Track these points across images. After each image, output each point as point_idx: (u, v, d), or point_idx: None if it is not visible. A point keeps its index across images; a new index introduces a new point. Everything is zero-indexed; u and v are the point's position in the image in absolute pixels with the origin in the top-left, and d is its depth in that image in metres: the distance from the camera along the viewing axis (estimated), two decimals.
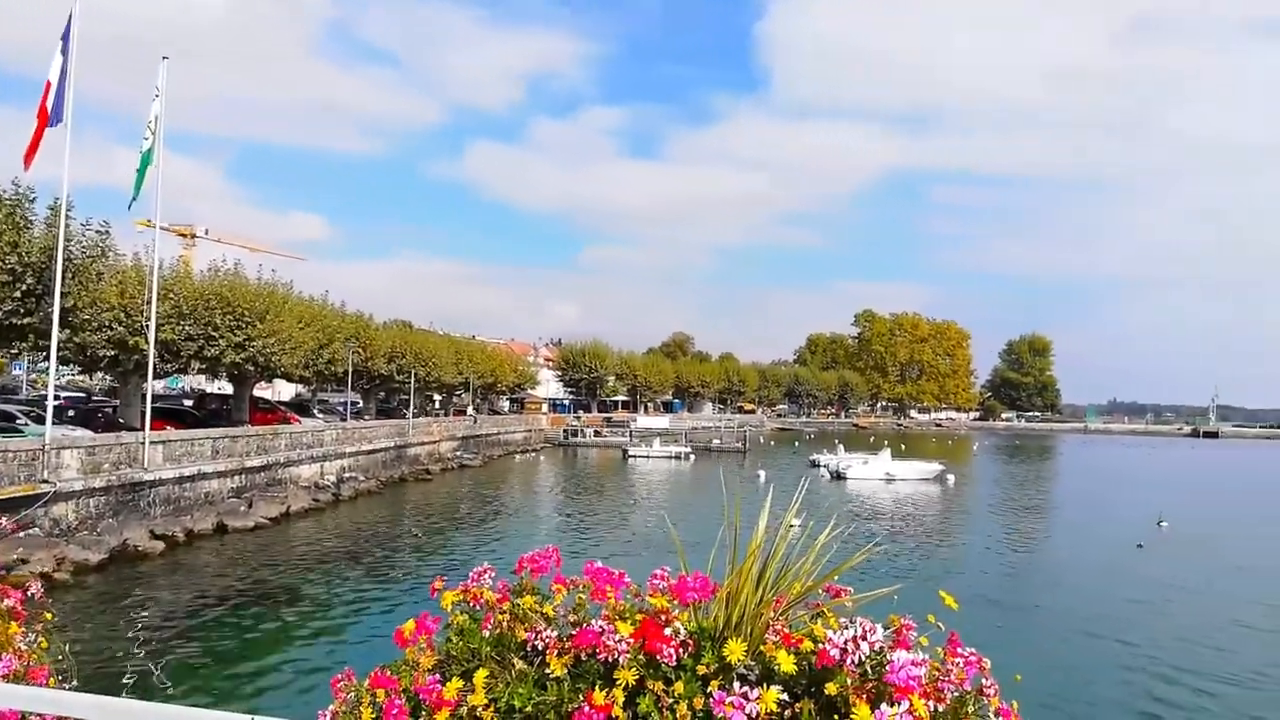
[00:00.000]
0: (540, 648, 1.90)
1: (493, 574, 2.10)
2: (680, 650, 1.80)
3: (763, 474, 48.61)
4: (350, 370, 48.93)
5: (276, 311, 37.83)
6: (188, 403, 46.90)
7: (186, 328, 33.83)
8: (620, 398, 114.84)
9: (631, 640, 1.81)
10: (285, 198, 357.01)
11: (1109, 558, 28.94)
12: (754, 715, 1.64)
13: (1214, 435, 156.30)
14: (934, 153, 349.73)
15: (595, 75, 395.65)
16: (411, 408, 57.22)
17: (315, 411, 54.97)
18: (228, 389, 46.27)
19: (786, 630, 1.85)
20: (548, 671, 1.85)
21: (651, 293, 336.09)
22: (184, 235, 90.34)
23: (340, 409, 59.63)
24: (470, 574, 2.10)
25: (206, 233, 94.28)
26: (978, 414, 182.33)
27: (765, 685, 1.71)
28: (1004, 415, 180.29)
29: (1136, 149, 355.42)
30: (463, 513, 37.41)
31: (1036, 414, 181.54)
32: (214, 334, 34.72)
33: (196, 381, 67.12)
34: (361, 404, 61.64)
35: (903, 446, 78.09)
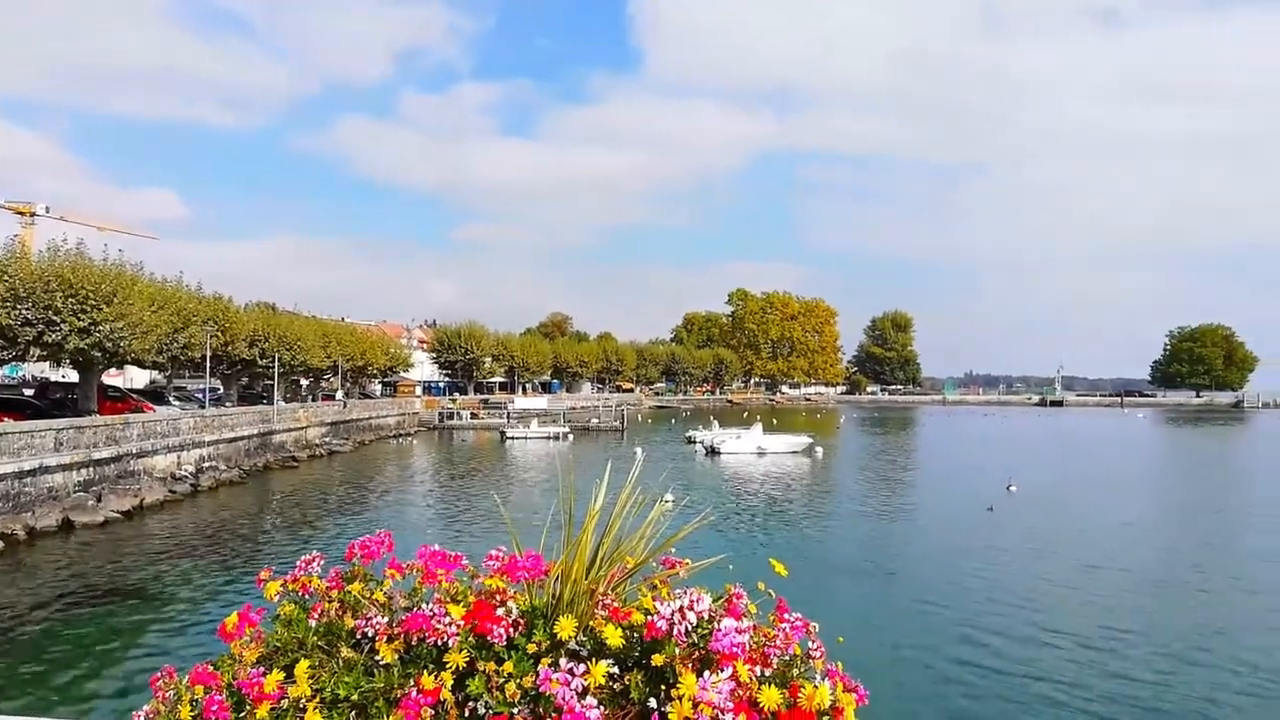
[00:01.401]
0: (370, 634, 1.86)
1: (322, 561, 2.04)
2: (512, 630, 1.79)
3: (639, 451, 48.96)
4: (209, 355, 46.56)
5: (125, 294, 35.57)
6: (28, 392, 43.75)
7: (24, 312, 31.46)
8: (497, 379, 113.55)
9: (462, 622, 1.79)
10: (136, 172, 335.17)
11: (960, 521, 30.69)
12: (581, 690, 1.65)
13: (1059, 404, 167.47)
14: (802, 134, 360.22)
15: (468, 50, 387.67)
16: (276, 393, 54.98)
17: (171, 399, 52.12)
18: (73, 377, 43.28)
19: (617, 605, 1.87)
20: (378, 658, 1.81)
21: (530, 272, 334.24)
22: (21, 213, 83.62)
23: (199, 396, 56.75)
24: (298, 562, 2.03)
25: (47, 210, 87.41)
26: (845, 388, 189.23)
27: (595, 660, 1.72)
28: (869, 389, 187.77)
29: (991, 133, 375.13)
30: (331, 501, 36.30)
31: (899, 387, 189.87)
32: (55, 318, 32.39)
33: (40, 369, 62.51)
34: (222, 390, 58.83)
35: (774, 421, 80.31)
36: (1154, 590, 21.29)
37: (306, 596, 2.00)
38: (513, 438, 69.07)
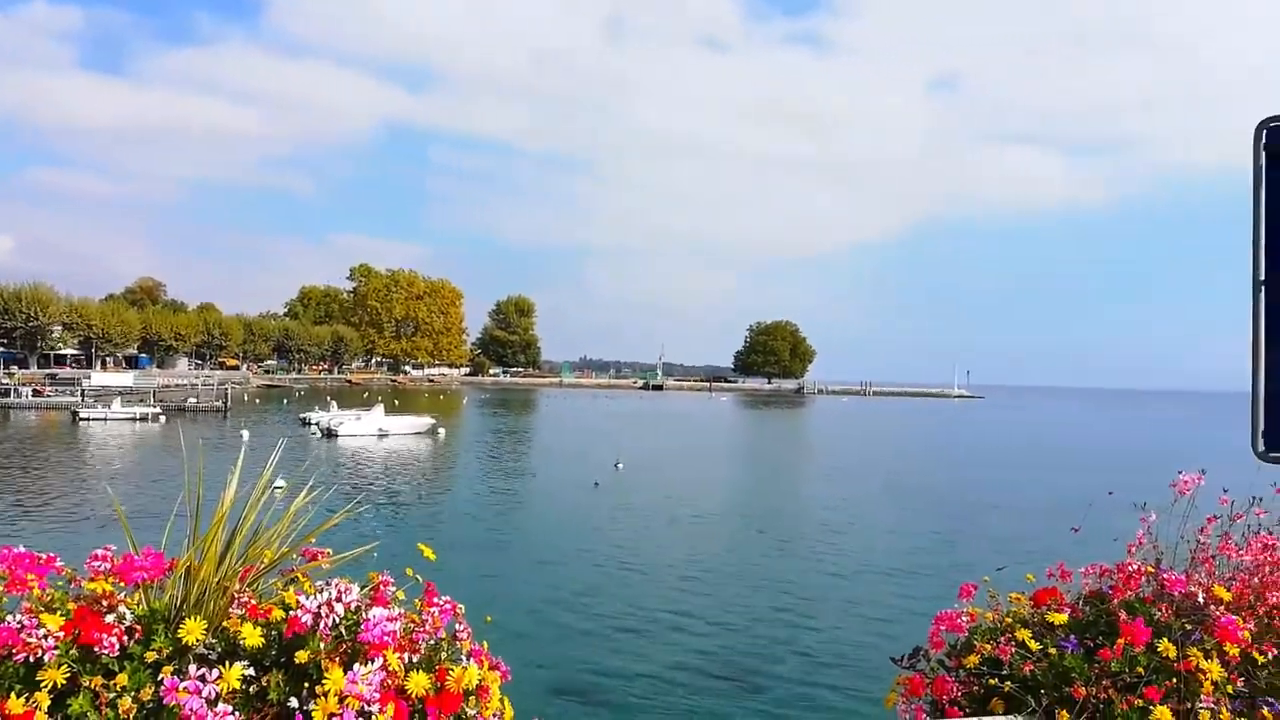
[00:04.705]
0: None
1: None
2: (126, 638, 1.60)
3: (245, 434, 45.48)
4: None
5: None
6: None
7: None
8: (71, 351, 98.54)
9: (62, 633, 1.56)
10: None
11: (572, 497, 32.68)
12: (213, 697, 1.53)
13: (660, 388, 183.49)
14: (435, 114, 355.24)
15: None
16: None
17: None
18: None
19: (254, 602, 1.74)
20: None
21: (115, 230, 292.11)
22: None
23: None
24: None
25: None
26: (469, 370, 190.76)
27: (229, 663, 1.59)
28: (492, 371, 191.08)
29: (610, 133, 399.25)
30: None
31: (520, 370, 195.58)
32: None
33: None
34: None
35: (396, 402, 78.91)
36: (725, 544, 24.69)
37: None
38: (89, 419, 60.43)
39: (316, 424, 56.45)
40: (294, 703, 1.62)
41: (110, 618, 1.61)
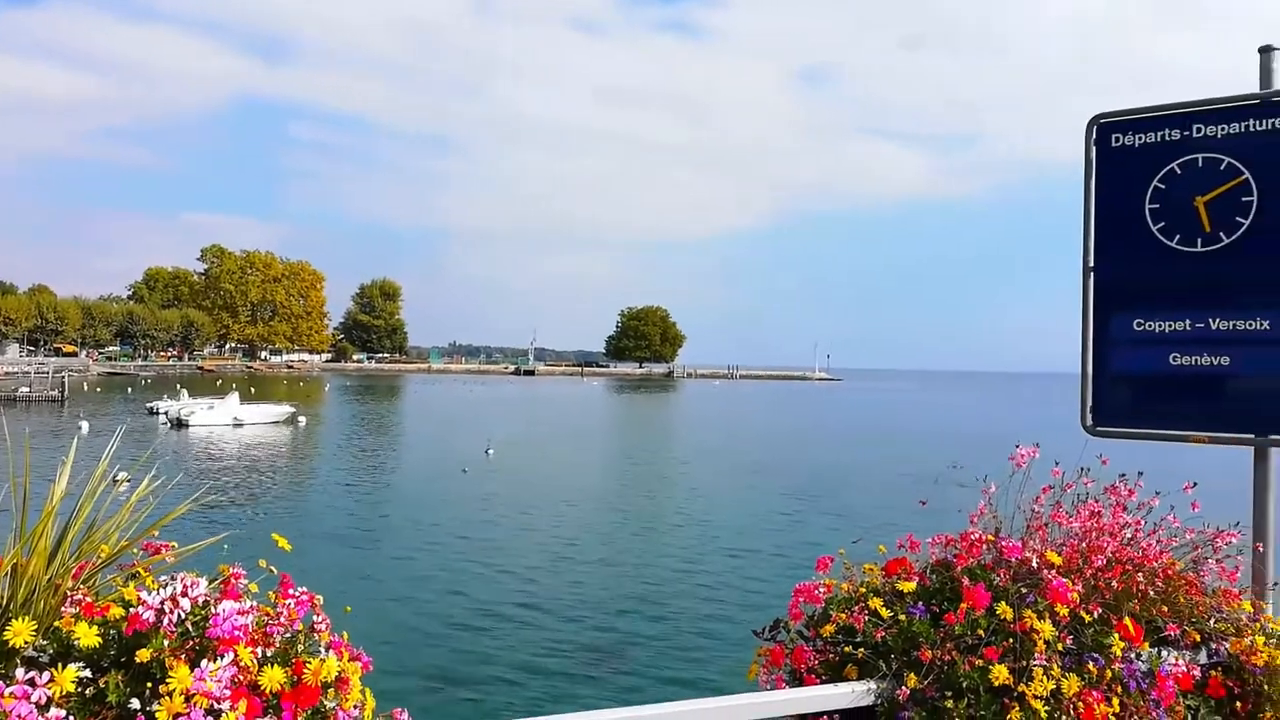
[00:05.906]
0: None
1: None
2: None
3: (84, 425, 42.58)
4: None
5: None
6: None
7: None
8: None
9: None
10: None
11: (440, 484, 32.29)
12: (44, 701, 1.43)
13: (531, 373, 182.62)
14: (291, 85, 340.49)
15: None
16: None
17: None
18: None
19: (90, 599, 1.63)
20: None
21: None
22: None
23: None
24: None
25: None
26: (331, 356, 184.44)
27: (62, 665, 1.49)
28: (356, 357, 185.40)
29: (477, 110, 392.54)
30: None
31: (386, 355, 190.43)
32: None
33: None
34: None
35: (252, 390, 75.88)
36: (591, 529, 24.94)
37: None
38: None
39: (165, 413, 53.58)
40: (135, 704, 1.53)
41: None
